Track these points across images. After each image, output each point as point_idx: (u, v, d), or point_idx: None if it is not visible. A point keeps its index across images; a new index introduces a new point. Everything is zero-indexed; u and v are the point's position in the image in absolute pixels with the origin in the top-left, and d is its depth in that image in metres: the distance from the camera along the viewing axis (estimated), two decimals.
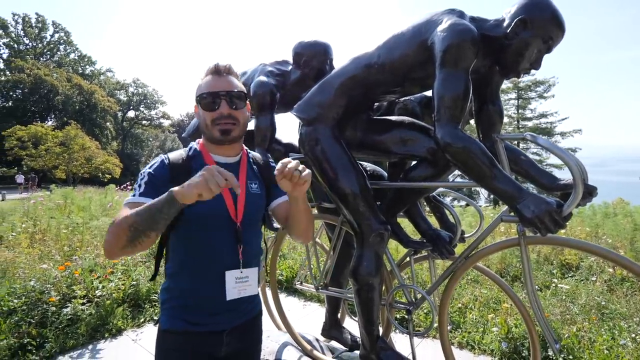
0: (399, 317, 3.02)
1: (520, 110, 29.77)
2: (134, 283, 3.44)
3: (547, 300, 3.40)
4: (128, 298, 3.35)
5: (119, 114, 47.27)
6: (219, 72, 1.15)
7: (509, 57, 1.47)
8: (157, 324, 1.18)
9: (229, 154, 1.20)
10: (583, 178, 1.28)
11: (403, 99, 2.09)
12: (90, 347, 2.73)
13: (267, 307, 2.74)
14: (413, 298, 1.84)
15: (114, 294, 3.20)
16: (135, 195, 1.04)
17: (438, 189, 1.96)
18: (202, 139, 1.22)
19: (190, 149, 1.20)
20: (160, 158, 1.14)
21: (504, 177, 1.32)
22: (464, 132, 1.40)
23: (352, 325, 2.73)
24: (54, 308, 2.83)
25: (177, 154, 1.16)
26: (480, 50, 1.43)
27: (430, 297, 1.74)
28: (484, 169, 1.32)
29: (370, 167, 2.18)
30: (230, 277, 1.12)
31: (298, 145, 1.80)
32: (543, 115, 29.07)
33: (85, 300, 3.04)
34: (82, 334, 2.77)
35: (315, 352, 2.30)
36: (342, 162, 1.64)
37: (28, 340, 2.56)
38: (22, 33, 41.75)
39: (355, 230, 1.68)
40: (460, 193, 2.21)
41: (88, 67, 47.83)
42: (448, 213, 2.03)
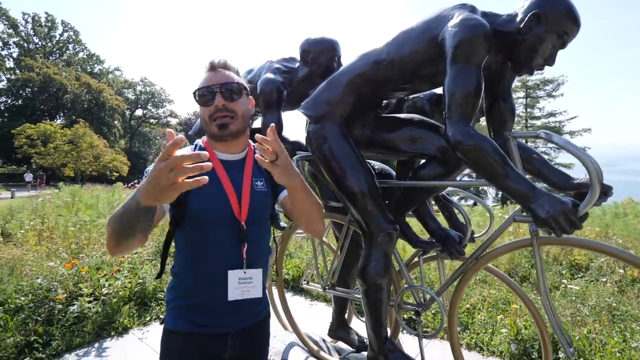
0: (405, 317, 2.99)
1: (529, 109, 29.48)
2: (141, 281, 3.44)
3: (556, 301, 3.34)
4: (134, 296, 3.35)
5: (127, 113, 47.69)
6: (214, 67, 1.13)
7: (522, 52, 1.44)
8: (162, 323, 1.17)
9: (234, 151, 1.17)
10: (599, 177, 1.24)
11: (412, 97, 2.05)
12: (97, 345, 2.73)
13: (273, 306, 2.72)
14: (422, 299, 1.81)
15: (121, 292, 3.21)
16: None
17: (447, 188, 1.92)
18: (206, 136, 1.20)
19: (196, 147, 1.18)
20: None
21: (517, 175, 1.28)
22: (476, 129, 1.37)
23: (359, 326, 2.70)
24: (61, 306, 2.84)
25: (182, 151, 1.14)
26: (493, 46, 1.40)
27: (440, 298, 1.70)
28: (497, 168, 1.29)
29: (379, 165, 2.15)
30: (233, 276, 1.09)
31: (305, 143, 1.77)
32: (552, 114, 28.76)
33: (92, 298, 3.05)
34: (88, 332, 2.78)
35: (322, 352, 2.28)
36: (350, 160, 1.61)
37: (35, 338, 2.57)
38: (31, 32, 42.29)
39: (364, 230, 1.65)
40: (468, 192, 2.16)
41: (96, 65, 48.32)
42: (457, 212, 1.99)
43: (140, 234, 0.90)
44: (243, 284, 1.10)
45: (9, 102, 38.18)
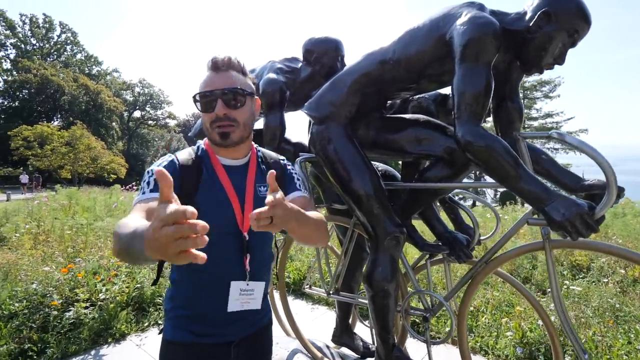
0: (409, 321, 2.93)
1: (526, 110, 29.61)
2: (139, 286, 3.37)
3: None
4: (132, 301, 3.28)
5: (125, 114, 47.53)
6: (217, 67, 1.03)
7: (532, 51, 1.40)
8: (160, 333, 1.12)
9: (236, 156, 1.11)
10: (616, 178, 1.20)
11: (417, 97, 2.02)
12: (93, 352, 2.67)
13: (275, 312, 2.67)
14: (429, 304, 1.76)
15: (118, 297, 3.14)
16: (145, 193, 0.94)
17: (455, 190, 1.88)
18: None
19: (198, 149, 1.12)
20: (170, 157, 1.06)
21: (530, 177, 1.24)
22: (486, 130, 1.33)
23: (363, 331, 2.65)
24: (56, 312, 2.77)
25: (185, 154, 1.08)
26: (501, 45, 1.36)
27: (448, 303, 1.66)
28: (509, 169, 1.25)
29: (382, 167, 2.11)
30: (235, 287, 1.04)
31: (308, 145, 1.74)
32: (549, 115, 28.90)
33: (89, 304, 2.99)
34: (84, 339, 2.71)
35: (326, 359, 2.22)
36: (355, 161, 1.57)
37: (29, 346, 2.50)
38: (29, 33, 42.13)
39: (370, 233, 1.61)
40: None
41: (94, 67, 48.18)
42: (464, 214, 1.95)
43: (146, 261, 0.79)
44: (244, 296, 1.05)
45: (6, 103, 37.99)
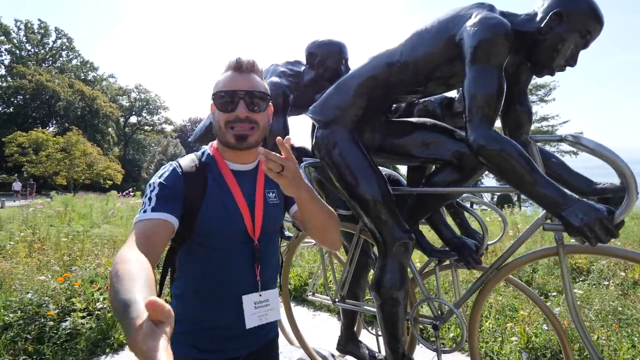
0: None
1: None
2: None
3: (562, 307, 3.28)
4: None
5: (121, 120, 47.25)
6: (241, 68, 1.01)
7: (543, 53, 1.38)
8: None
9: (246, 161, 1.07)
10: (636, 182, 1.17)
11: (423, 100, 1.99)
12: None
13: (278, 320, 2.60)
14: (439, 312, 1.72)
15: None
16: (147, 212, 0.88)
17: (463, 194, 1.85)
18: (215, 143, 1.10)
19: (203, 154, 1.07)
20: (172, 166, 1.00)
21: (546, 181, 1.21)
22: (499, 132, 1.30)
23: (368, 338, 2.59)
24: (52, 322, 2.69)
25: (188, 161, 1.03)
26: (513, 47, 1.34)
27: (459, 310, 1.62)
28: (523, 173, 1.21)
29: (387, 171, 2.07)
30: (249, 302, 0.99)
31: (312, 149, 1.70)
32: (544, 119, 29.03)
33: (86, 314, 2.91)
34: (81, 350, 2.63)
35: None
36: (362, 166, 1.54)
37: (24, 358, 2.42)
38: (24, 39, 41.92)
39: (377, 240, 1.57)
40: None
41: (90, 73, 47.94)
42: (471, 218, 1.92)
43: None
44: (260, 309, 1.00)
45: (0, 110, 37.69)
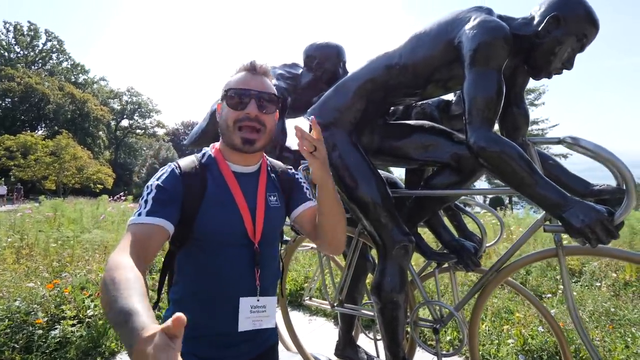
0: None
1: None
2: None
3: (556, 308, 3.31)
4: None
5: (112, 123, 46.70)
6: (254, 69, 1.02)
7: (540, 56, 1.40)
8: None
9: (249, 163, 1.05)
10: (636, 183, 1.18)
11: (420, 103, 2.00)
12: None
13: None
14: (439, 315, 1.71)
15: None
16: (142, 215, 0.86)
17: (462, 197, 1.85)
18: (218, 144, 1.07)
19: (204, 156, 1.05)
20: (170, 167, 0.97)
21: (546, 182, 1.22)
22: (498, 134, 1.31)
23: (366, 343, 2.57)
24: (41, 331, 2.61)
25: (188, 162, 1.01)
26: (511, 50, 1.35)
27: (459, 313, 1.61)
28: (523, 175, 1.22)
29: (384, 174, 2.07)
30: (245, 305, 0.97)
31: None
32: (534, 122, 29.50)
33: (76, 321, 2.82)
34: (71, 359, 2.56)
35: None
36: (361, 168, 1.54)
37: None
38: (13, 41, 41.37)
39: (377, 243, 1.56)
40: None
41: (81, 75, 47.40)
42: (469, 221, 1.92)
43: None
44: (255, 313, 0.97)
45: None
